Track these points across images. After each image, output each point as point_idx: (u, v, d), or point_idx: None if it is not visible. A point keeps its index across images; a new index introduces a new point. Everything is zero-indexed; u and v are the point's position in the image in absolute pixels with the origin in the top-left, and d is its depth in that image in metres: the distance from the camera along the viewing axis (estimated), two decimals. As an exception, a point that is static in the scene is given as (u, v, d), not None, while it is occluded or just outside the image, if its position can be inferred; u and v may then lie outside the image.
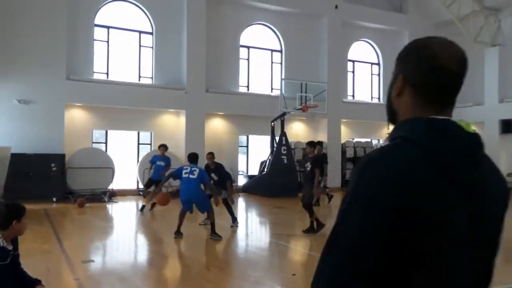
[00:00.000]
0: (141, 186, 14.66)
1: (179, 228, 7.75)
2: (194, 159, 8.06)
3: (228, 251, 7.51)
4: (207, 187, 8.42)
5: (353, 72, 20.03)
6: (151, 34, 15.62)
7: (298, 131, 18.37)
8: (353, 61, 20.01)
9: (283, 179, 14.97)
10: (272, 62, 18.15)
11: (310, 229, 8.19)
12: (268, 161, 15.96)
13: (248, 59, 17.60)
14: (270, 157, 16.01)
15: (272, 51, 18.14)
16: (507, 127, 18.33)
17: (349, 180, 1.05)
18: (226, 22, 16.74)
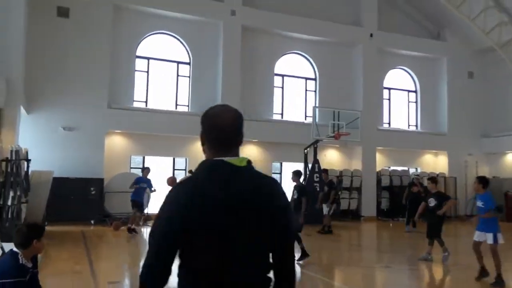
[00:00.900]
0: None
1: None
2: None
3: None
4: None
5: (389, 99, 19.83)
6: (188, 64, 16.32)
7: (332, 158, 18.28)
8: (389, 89, 19.85)
9: (313, 206, 14.81)
10: (306, 90, 18.35)
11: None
12: (301, 188, 15.88)
13: (283, 87, 17.90)
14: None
15: (307, 79, 18.37)
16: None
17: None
18: (261, 51, 17.21)
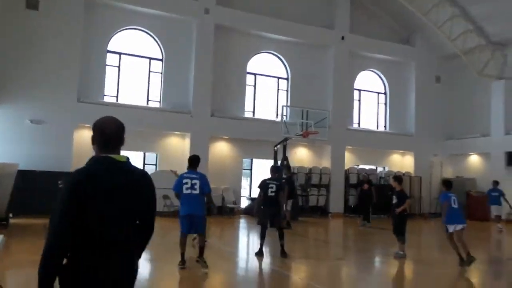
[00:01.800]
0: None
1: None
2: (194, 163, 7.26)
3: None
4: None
5: (359, 100, 20.36)
6: (161, 60, 16.42)
7: (302, 156, 18.68)
8: (359, 90, 20.37)
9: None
10: (279, 89, 18.68)
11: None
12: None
13: (255, 85, 18.19)
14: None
15: (279, 78, 18.71)
16: (512, 159, 18.23)
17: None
18: (234, 49, 17.44)
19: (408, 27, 20.66)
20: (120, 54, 15.81)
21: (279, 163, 16.02)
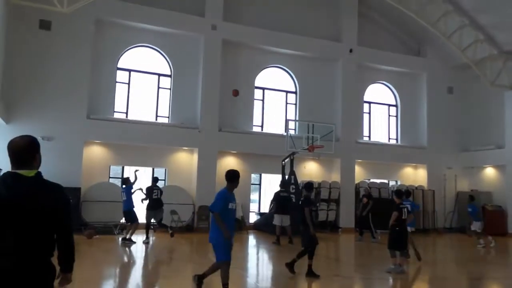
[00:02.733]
0: (153, 220, 15.23)
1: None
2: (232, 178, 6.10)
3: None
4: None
5: (369, 113, 20.20)
6: (169, 76, 16.67)
7: (311, 170, 18.56)
8: (369, 103, 20.22)
9: (291, 217, 15.06)
10: (287, 103, 18.70)
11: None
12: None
13: (263, 100, 18.25)
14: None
15: (287, 92, 18.73)
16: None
17: None
18: (242, 64, 17.58)
19: (418, 38, 20.49)
20: (129, 71, 16.12)
21: (287, 177, 15.98)
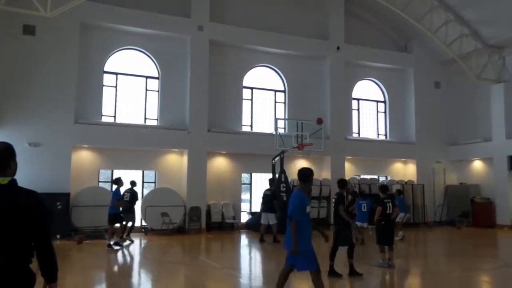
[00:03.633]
0: (144, 223, 15.24)
1: None
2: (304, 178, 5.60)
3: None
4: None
5: (358, 110, 20.30)
6: (157, 78, 16.63)
7: (302, 168, 18.59)
8: (358, 99, 20.33)
9: (282, 216, 15.12)
10: (276, 102, 18.74)
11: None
12: (268, 198, 16.17)
13: (252, 99, 18.27)
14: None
15: (276, 91, 18.77)
16: (515, 163, 17.96)
17: None
18: (230, 64, 17.58)
19: (405, 34, 20.63)
20: (116, 74, 16.05)
21: (277, 176, 16.04)
